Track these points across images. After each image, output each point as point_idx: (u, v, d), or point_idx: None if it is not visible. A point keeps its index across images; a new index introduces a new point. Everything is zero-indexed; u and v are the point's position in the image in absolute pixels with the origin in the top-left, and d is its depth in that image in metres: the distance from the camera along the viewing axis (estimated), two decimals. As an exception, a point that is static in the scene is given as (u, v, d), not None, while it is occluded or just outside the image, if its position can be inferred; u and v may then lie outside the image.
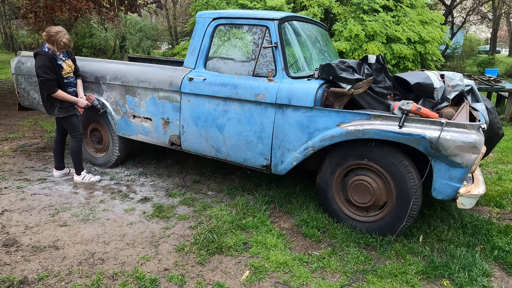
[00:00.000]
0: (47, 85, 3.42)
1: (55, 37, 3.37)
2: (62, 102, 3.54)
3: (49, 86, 3.42)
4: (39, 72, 3.38)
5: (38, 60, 3.39)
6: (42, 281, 2.27)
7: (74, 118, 3.62)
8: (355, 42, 8.81)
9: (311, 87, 2.89)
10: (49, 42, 3.41)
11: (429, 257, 2.66)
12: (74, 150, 3.68)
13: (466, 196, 2.49)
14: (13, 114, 6.66)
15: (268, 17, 3.12)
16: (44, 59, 3.38)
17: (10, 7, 16.20)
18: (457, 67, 16.07)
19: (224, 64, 3.48)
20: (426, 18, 9.39)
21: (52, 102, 3.52)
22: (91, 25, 18.95)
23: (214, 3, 9.83)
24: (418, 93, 3.13)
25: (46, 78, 3.39)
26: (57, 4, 7.36)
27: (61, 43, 3.40)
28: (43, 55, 3.39)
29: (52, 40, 3.38)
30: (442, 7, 19.80)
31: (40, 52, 3.41)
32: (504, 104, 7.81)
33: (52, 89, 3.44)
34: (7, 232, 2.79)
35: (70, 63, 3.63)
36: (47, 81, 3.40)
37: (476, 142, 2.39)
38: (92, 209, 3.19)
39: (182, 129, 3.51)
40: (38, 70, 3.38)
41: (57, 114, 3.56)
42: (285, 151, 3.05)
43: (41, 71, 3.37)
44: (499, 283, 2.44)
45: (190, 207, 3.31)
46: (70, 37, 3.51)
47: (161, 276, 2.36)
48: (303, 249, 2.75)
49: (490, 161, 4.88)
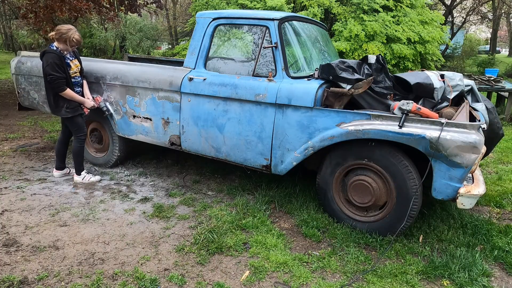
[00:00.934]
0: (56, 83, 3.38)
1: (67, 35, 3.36)
2: (70, 102, 3.51)
3: (59, 84, 3.39)
4: (48, 70, 3.34)
5: (47, 58, 3.35)
6: (42, 281, 2.27)
7: (79, 118, 3.61)
8: (355, 42, 8.81)
9: (311, 87, 2.89)
10: (60, 40, 3.38)
11: (429, 257, 2.66)
12: (77, 150, 3.67)
13: (466, 196, 2.49)
14: (13, 114, 6.66)
15: (268, 17, 3.12)
16: (53, 56, 3.35)
17: (10, 7, 16.20)
18: (457, 67, 16.07)
19: (224, 64, 3.48)
20: (426, 18, 9.38)
21: (58, 102, 3.50)
22: (91, 25, 18.95)
23: (214, 3, 9.83)
24: (418, 93, 3.14)
25: (56, 76, 3.35)
26: (57, 4, 7.36)
27: (73, 39, 3.39)
28: (52, 53, 3.36)
29: (64, 37, 3.36)
30: (442, 7, 19.81)
31: (48, 50, 3.38)
32: (504, 104, 7.81)
33: (62, 87, 3.41)
34: (7, 232, 2.79)
35: (77, 63, 3.63)
36: (57, 79, 3.36)
37: (476, 142, 2.39)
38: (92, 209, 3.19)
39: (182, 129, 3.51)
40: (47, 68, 3.33)
41: (64, 114, 3.53)
42: (285, 151, 3.05)
43: (50, 68, 3.33)
44: (499, 283, 2.44)
45: (190, 207, 3.31)
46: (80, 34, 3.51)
47: (161, 276, 2.36)
48: (303, 249, 2.75)
49: (490, 161, 4.88)
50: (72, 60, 3.56)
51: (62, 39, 3.38)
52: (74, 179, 3.75)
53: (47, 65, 3.34)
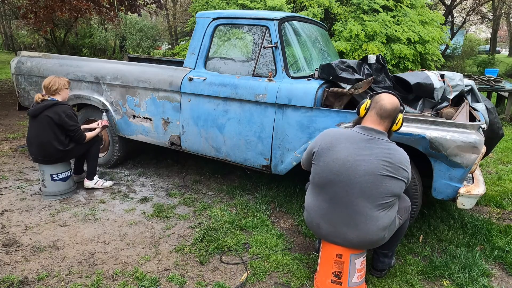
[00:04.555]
0: (79, 133, 3.33)
1: (57, 86, 3.31)
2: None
3: (80, 133, 3.35)
4: (67, 120, 3.23)
5: (64, 109, 3.25)
6: (42, 281, 2.27)
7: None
8: (355, 42, 8.81)
9: (311, 87, 2.89)
10: (54, 93, 3.31)
11: (429, 257, 2.66)
12: (96, 154, 3.60)
13: (466, 196, 2.49)
14: (13, 114, 6.66)
15: (268, 17, 3.12)
16: (67, 107, 3.29)
17: (10, 7, 16.20)
18: (457, 67, 16.07)
19: (224, 64, 3.48)
20: (426, 18, 9.38)
21: (68, 146, 3.36)
22: (91, 25, 18.95)
23: (214, 3, 9.83)
24: (418, 93, 3.13)
25: (77, 127, 3.32)
26: (57, 4, 7.37)
27: (66, 84, 3.37)
28: (63, 104, 3.29)
29: (60, 88, 3.32)
30: (442, 7, 19.81)
31: (59, 103, 3.28)
32: (504, 104, 7.81)
33: (84, 136, 3.39)
34: (7, 232, 2.79)
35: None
36: (79, 129, 3.33)
37: (476, 142, 2.39)
38: (92, 209, 3.19)
39: (182, 129, 3.51)
40: (67, 119, 3.22)
41: (78, 150, 3.48)
42: (285, 151, 3.05)
43: (70, 118, 3.25)
44: (499, 283, 2.44)
45: (190, 207, 3.31)
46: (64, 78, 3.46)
47: (161, 276, 2.36)
48: (303, 249, 2.75)
49: (490, 161, 4.88)
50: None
51: (58, 90, 3.32)
52: (85, 184, 3.60)
53: (66, 115, 3.23)
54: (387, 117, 2.09)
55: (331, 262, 2.15)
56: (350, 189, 2.01)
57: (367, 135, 2.07)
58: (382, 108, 2.08)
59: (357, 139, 2.07)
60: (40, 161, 3.29)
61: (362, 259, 2.16)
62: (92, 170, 3.59)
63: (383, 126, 2.10)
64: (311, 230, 2.26)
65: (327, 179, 2.07)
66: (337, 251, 2.12)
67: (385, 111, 2.08)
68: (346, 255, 2.11)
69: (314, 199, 2.17)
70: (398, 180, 2.01)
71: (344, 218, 2.05)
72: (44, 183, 3.32)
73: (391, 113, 2.09)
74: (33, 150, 3.29)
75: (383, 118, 2.09)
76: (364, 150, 2.03)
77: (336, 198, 2.06)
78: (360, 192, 2.00)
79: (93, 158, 3.59)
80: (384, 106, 2.09)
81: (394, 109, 2.09)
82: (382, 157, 2.00)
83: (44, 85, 3.31)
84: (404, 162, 2.03)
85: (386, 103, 2.09)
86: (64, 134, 3.30)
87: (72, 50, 18.62)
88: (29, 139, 3.32)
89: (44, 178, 3.30)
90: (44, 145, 3.23)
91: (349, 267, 2.12)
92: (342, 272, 2.12)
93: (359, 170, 1.99)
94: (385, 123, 2.10)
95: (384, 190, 1.99)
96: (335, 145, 2.08)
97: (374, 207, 2.00)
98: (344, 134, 2.12)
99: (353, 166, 2.01)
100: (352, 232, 2.04)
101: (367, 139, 2.06)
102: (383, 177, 1.98)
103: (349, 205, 2.03)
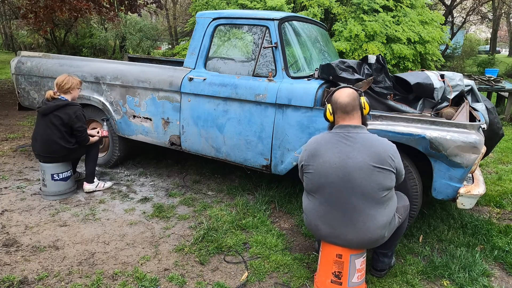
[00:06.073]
0: (84, 134, 3.36)
1: (70, 84, 3.34)
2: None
3: (86, 134, 3.38)
4: (76, 121, 3.27)
5: (75, 110, 3.28)
6: (42, 281, 2.27)
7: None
8: (355, 42, 8.80)
9: (311, 87, 2.89)
10: (66, 92, 3.33)
11: (429, 257, 2.66)
12: (94, 155, 3.59)
13: (466, 196, 2.49)
14: (13, 114, 6.66)
15: (268, 17, 3.12)
16: (78, 108, 3.32)
17: (10, 7, 16.20)
18: (457, 67, 16.07)
19: (224, 64, 3.48)
20: (426, 18, 9.38)
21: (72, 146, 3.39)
22: (91, 25, 18.95)
23: (214, 3, 9.82)
24: (418, 93, 3.13)
25: (84, 128, 3.35)
26: (57, 4, 7.37)
27: (78, 84, 3.40)
28: (74, 105, 3.31)
29: (72, 87, 3.34)
30: (442, 7, 19.81)
31: (70, 103, 3.30)
32: (504, 104, 7.81)
33: (88, 138, 3.43)
34: (7, 232, 2.79)
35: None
36: (85, 131, 3.36)
37: (476, 142, 2.39)
38: (92, 209, 3.19)
39: (182, 129, 3.51)
40: (76, 120, 3.26)
41: (81, 151, 3.51)
42: (285, 151, 3.05)
43: (79, 120, 3.29)
44: (499, 283, 2.44)
45: (190, 207, 3.31)
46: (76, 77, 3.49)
47: (161, 276, 2.36)
48: (303, 249, 2.75)
49: (490, 161, 4.88)
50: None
51: (70, 89, 3.34)
52: (86, 187, 3.53)
53: (75, 116, 3.26)
54: (352, 109, 2.11)
55: (331, 262, 2.15)
56: (342, 188, 2.03)
57: (344, 132, 2.10)
58: (343, 104, 2.11)
59: (336, 138, 2.10)
60: (42, 158, 3.30)
61: (362, 259, 2.16)
62: (91, 172, 3.56)
63: (356, 119, 2.13)
64: (311, 232, 2.26)
65: (318, 183, 2.10)
66: (337, 251, 2.12)
67: (346, 105, 2.11)
68: (346, 255, 2.11)
69: (310, 202, 2.19)
70: (386, 171, 2.01)
71: (341, 218, 2.05)
72: (44, 182, 3.32)
73: (352, 104, 2.11)
74: (37, 147, 3.31)
75: (350, 112, 2.11)
76: (346, 147, 2.05)
77: (331, 199, 2.07)
78: (352, 190, 2.01)
79: (92, 160, 3.57)
80: (342, 102, 2.12)
81: (353, 99, 2.12)
82: (366, 150, 2.02)
83: (57, 82, 3.33)
84: (389, 151, 2.05)
85: (343, 99, 2.12)
86: (70, 134, 3.33)
87: (72, 50, 18.61)
88: (35, 135, 3.34)
89: (45, 178, 3.31)
90: (50, 143, 3.25)
91: (349, 267, 2.12)
92: (342, 272, 2.12)
93: (347, 168, 2.01)
94: (354, 115, 2.12)
95: (375, 184, 1.99)
96: (319, 150, 2.12)
97: (370, 204, 2.01)
98: (324, 137, 2.16)
99: (340, 166, 2.03)
100: (351, 232, 2.04)
101: (346, 136, 2.08)
102: (371, 170, 1.99)
103: (344, 204, 2.04)
